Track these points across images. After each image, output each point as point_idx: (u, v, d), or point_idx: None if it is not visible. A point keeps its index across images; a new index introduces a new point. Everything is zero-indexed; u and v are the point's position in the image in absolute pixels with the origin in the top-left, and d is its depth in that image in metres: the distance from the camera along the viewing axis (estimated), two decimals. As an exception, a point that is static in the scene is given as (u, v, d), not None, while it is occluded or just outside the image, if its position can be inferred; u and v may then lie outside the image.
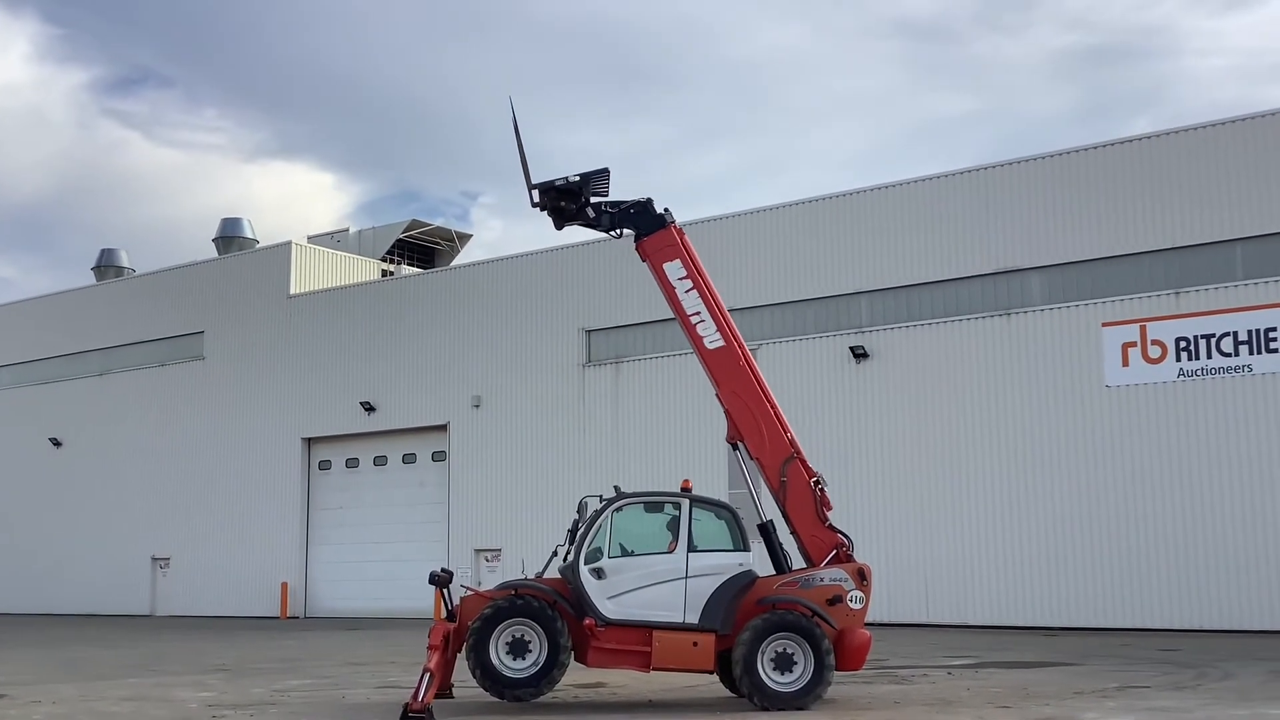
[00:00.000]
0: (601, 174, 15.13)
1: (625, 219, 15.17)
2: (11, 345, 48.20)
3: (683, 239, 15.14)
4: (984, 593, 28.20)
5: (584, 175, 15.06)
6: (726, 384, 14.69)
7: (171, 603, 41.99)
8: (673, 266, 14.97)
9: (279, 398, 40.74)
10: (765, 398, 14.68)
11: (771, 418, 14.57)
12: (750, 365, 14.82)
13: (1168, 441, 26.51)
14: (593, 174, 15.10)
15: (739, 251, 32.77)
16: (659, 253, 15.03)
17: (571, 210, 15.16)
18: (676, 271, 14.96)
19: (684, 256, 15.00)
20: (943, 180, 30.36)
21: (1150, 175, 27.55)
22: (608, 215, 15.19)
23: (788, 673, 13.19)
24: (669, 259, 14.98)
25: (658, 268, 15.02)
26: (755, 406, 14.56)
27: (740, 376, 14.69)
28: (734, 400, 14.62)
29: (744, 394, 14.62)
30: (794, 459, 14.36)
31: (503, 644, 13.20)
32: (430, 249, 47.77)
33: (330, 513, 39.77)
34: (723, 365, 14.74)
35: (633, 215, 15.15)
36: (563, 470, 34.14)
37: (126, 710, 14.04)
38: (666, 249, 15.01)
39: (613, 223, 15.20)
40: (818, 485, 14.33)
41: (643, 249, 15.14)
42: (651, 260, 15.07)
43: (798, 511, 14.25)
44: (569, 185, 14.99)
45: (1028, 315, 28.61)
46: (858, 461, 30.10)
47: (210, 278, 43.83)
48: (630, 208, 15.16)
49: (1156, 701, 13.67)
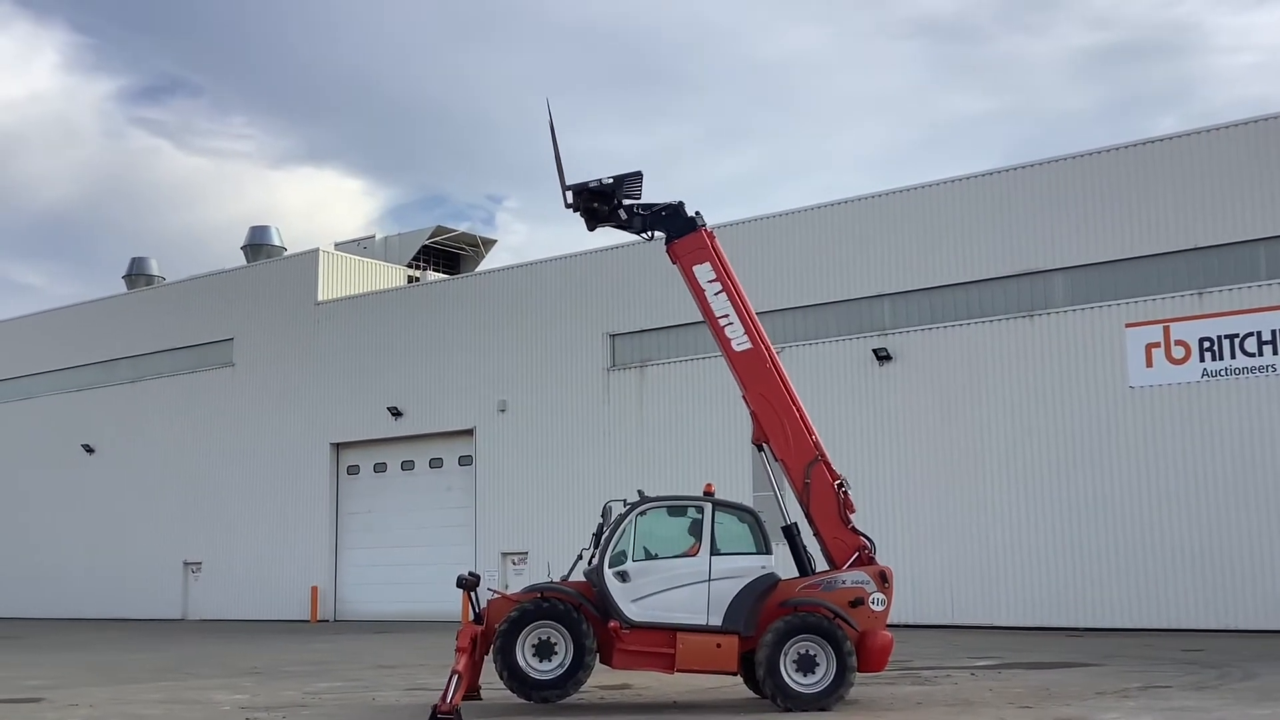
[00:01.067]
0: (635, 176, 15.35)
1: (657, 221, 15.39)
2: (45, 354, 48.84)
3: (713, 242, 15.35)
4: (1008, 594, 28.24)
5: (617, 178, 15.29)
6: (753, 386, 14.87)
7: (203, 607, 42.45)
8: (703, 269, 15.18)
9: (307, 403, 41.15)
10: (791, 401, 14.86)
11: (797, 420, 14.74)
12: (777, 368, 15.00)
13: (1192, 442, 26.49)
14: (626, 176, 15.33)
15: (762, 255, 32.90)
16: (689, 255, 15.23)
17: (604, 212, 15.39)
18: (706, 274, 15.17)
19: (714, 260, 15.20)
20: (965, 182, 30.42)
21: (1173, 175, 27.54)
22: (639, 218, 15.42)
23: (810, 674, 13.34)
24: (699, 261, 15.18)
25: (688, 270, 15.22)
26: (781, 409, 14.74)
27: (767, 379, 14.87)
28: (760, 402, 14.80)
29: (770, 396, 14.80)
30: (818, 461, 14.53)
31: (529, 646, 13.41)
32: (455, 254, 48.09)
33: (359, 517, 40.13)
34: (750, 368, 14.92)
35: (664, 218, 15.36)
36: (588, 474, 34.35)
37: (160, 713, 14.33)
38: (697, 251, 15.21)
39: (644, 225, 15.43)
40: (841, 488, 14.48)
41: (673, 251, 15.34)
42: (682, 263, 15.27)
43: (821, 514, 14.41)
44: (602, 187, 15.23)
45: (1051, 316, 28.64)
46: (881, 464, 30.18)
47: (239, 285, 44.30)
48: (662, 210, 15.37)
49: (1177, 701, 13.75)
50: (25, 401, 49.24)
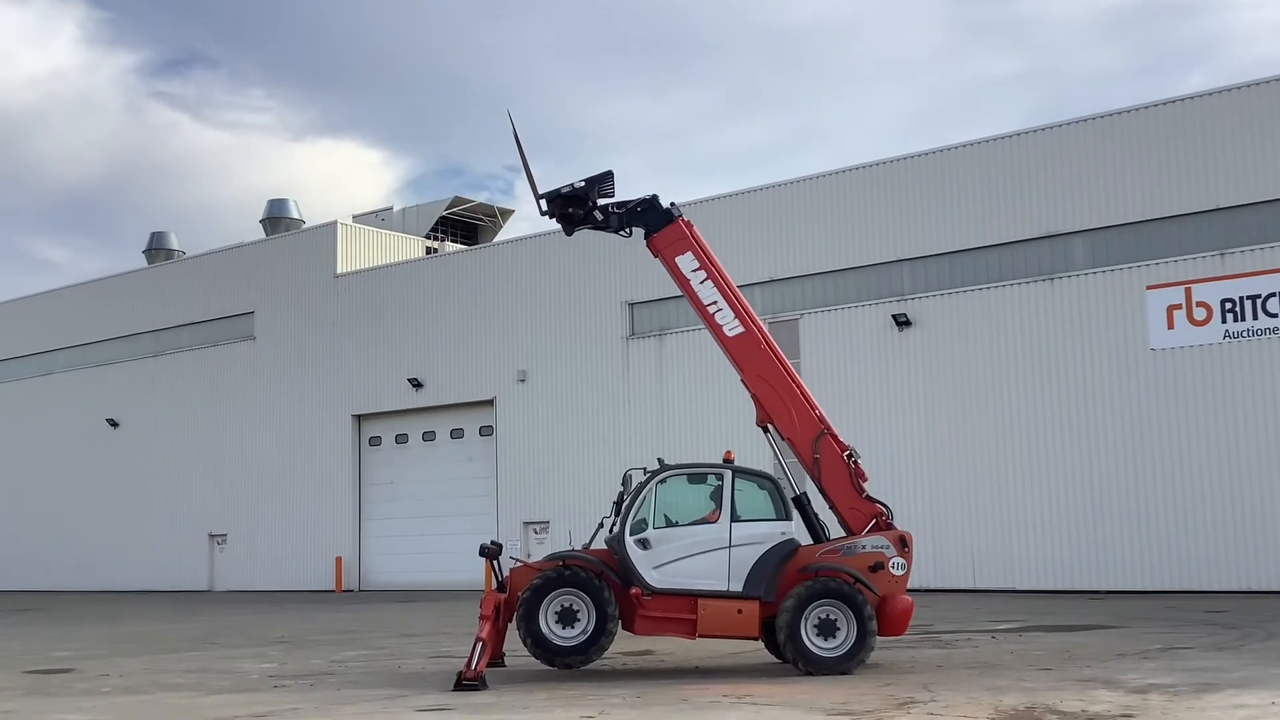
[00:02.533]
0: (606, 176, 15.36)
1: (633, 217, 15.38)
2: (68, 329, 49.20)
3: (691, 231, 15.31)
4: (1029, 557, 28.27)
5: (589, 180, 15.29)
6: (751, 369, 14.86)
7: (229, 578, 42.88)
8: (685, 259, 15.16)
9: (328, 376, 41.37)
10: (790, 378, 14.87)
11: (798, 397, 14.75)
12: (772, 347, 14.98)
13: (1213, 403, 26.39)
14: (598, 177, 15.33)
15: (780, 221, 32.86)
16: (670, 247, 15.22)
17: (580, 215, 15.38)
18: (689, 264, 15.15)
19: (695, 248, 15.18)
20: (984, 145, 30.23)
21: (1194, 136, 27.30)
22: (615, 216, 15.40)
23: (831, 638, 13.43)
24: (680, 252, 15.17)
25: (670, 262, 15.21)
26: (781, 388, 14.74)
27: (763, 360, 14.86)
28: (760, 384, 14.79)
29: (769, 377, 14.79)
30: (825, 435, 14.54)
31: (552, 613, 13.53)
32: (473, 225, 48.12)
33: (381, 488, 40.41)
34: (745, 351, 14.91)
35: (640, 213, 15.34)
36: (608, 443, 34.47)
37: (191, 681, 14.54)
38: (677, 242, 15.20)
39: (621, 222, 15.41)
40: (851, 458, 14.51)
41: (654, 245, 15.33)
42: (663, 255, 15.26)
43: (834, 486, 14.45)
44: (575, 191, 15.22)
45: (1071, 279, 28.51)
46: (901, 429, 30.20)
47: (259, 258, 44.48)
48: (637, 206, 15.38)
49: (1197, 662, 13.79)
50: (49, 377, 49.67)
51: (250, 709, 11.88)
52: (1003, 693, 11.59)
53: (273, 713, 11.59)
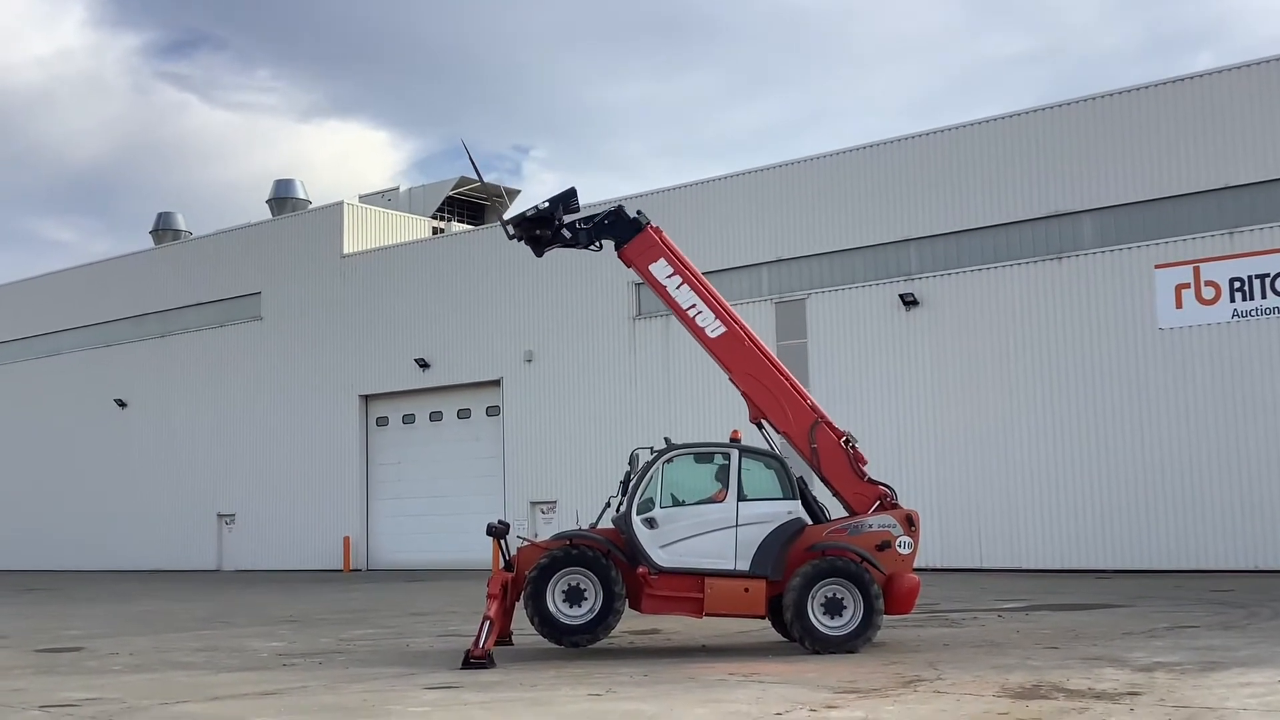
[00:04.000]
0: (569, 194, 15.34)
1: (601, 230, 15.34)
2: (75, 309, 49.28)
3: (661, 237, 15.26)
4: (1036, 537, 28.28)
5: (552, 199, 15.27)
6: (738, 368, 14.83)
7: (237, 558, 43.05)
8: (658, 266, 15.10)
9: (335, 356, 41.43)
10: (778, 371, 14.86)
11: (788, 390, 14.73)
12: (756, 343, 14.96)
13: (1221, 383, 26.35)
14: (561, 196, 15.32)
15: (787, 201, 32.79)
16: (641, 256, 15.16)
17: (548, 236, 15.35)
18: (663, 271, 15.09)
19: (667, 254, 15.13)
20: (993, 124, 30.11)
21: (1203, 114, 27.17)
22: (584, 231, 15.37)
23: (838, 617, 13.45)
24: (653, 260, 15.12)
25: (644, 271, 15.15)
26: (771, 383, 14.71)
27: (749, 357, 14.83)
28: (748, 382, 14.75)
29: (757, 373, 14.76)
30: (819, 424, 14.54)
31: (559, 592, 13.56)
32: (479, 205, 48.06)
33: (389, 468, 40.51)
34: (730, 350, 14.87)
35: (608, 225, 15.30)
36: (614, 423, 34.51)
37: (201, 660, 14.61)
38: (648, 251, 15.14)
39: (590, 237, 15.39)
40: (848, 443, 14.50)
41: (625, 256, 15.27)
42: (636, 265, 15.21)
43: (835, 473, 14.46)
44: (540, 213, 15.20)
45: (1080, 258, 28.43)
46: (908, 409, 30.19)
47: (265, 239, 44.49)
48: (604, 218, 15.35)
49: (1203, 640, 13.80)
50: (57, 357, 49.78)
51: (259, 687, 11.94)
52: (1009, 671, 11.61)
53: (282, 691, 11.65)
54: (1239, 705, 9.44)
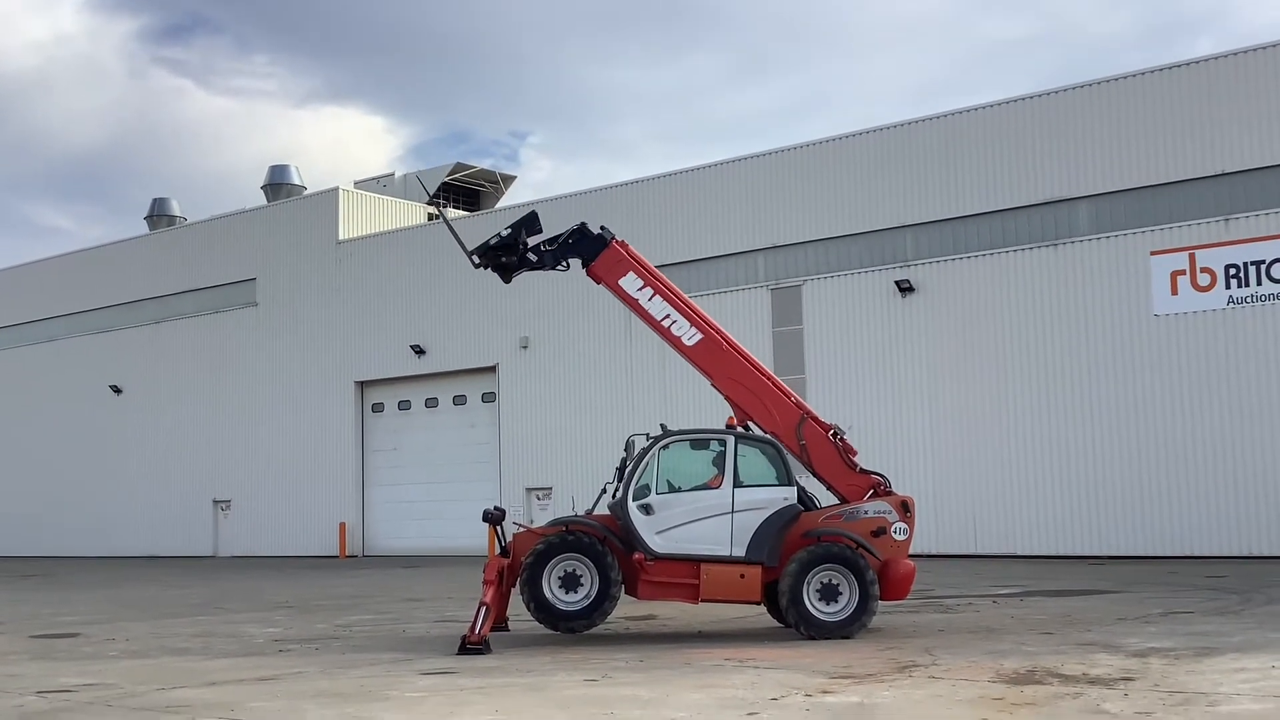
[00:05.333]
0: (531, 218, 15.40)
1: (567, 250, 15.33)
2: (71, 295, 49.18)
3: (628, 250, 15.25)
4: (1031, 523, 28.35)
5: (514, 225, 15.37)
6: (718, 372, 14.84)
7: (233, 544, 43.07)
8: (628, 281, 15.09)
9: (331, 342, 41.40)
10: (759, 371, 14.87)
11: (771, 390, 14.74)
12: (734, 345, 14.96)
13: (1217, 369, 26.39)
14: (523, 221, 15.39)
15: (784, 187, 32.75)
16: (610, 272, 15.14)
17: (514, 262, 15.38)
18: (634, 284, 15.09)
19: (635, 267, 15.12)
20: (989, 110, 30.08)
21: (1199, 101, 27.15)
22: (549, 253, 15.37)
23: (833, 603, 13.48)
24: (621, 274, 15.10)
25: (614, 286, 15.12)
26: (753, 385, 14.72)
27: (728, 361, 14.83)
28: (730, 385, 14.77)
29: (738, 376, 14.77)
30: (805, 419, 14.56)
31: (555, 578, 13.58)
32: (475, 191, 48.00)
33: (384, 454, 40.52)
34: (708, 356, 14.88)
35: (573, 245, 15.28)
36: (610, 409, 34.52)
37: (197, 646, 14.63)
38: (616, 266, 15.12)
39: (556, 258, 15.39)
40: (836, 436, 14.53)
41: (593, 273, 15.27)
42: (606, 282, 15.18)
43: (826, 466, 14.48)
44: (504, 240, 15.26)
45: (1075, 245, 28.44)
46: (904, 395, 30.21)
47: (260, 225, 44.39)
48: (568, 238, 15.33)
49: (1198, 626, 13.85)
50: (53, 343, 49.70)
51: (256, 672, 11.96)
52: (1004, 656, 11.65)
53: (278, 676, 11.66)
54: (1233, 690, 9.47)
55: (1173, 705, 8.88)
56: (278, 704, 10.00)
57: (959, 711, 8.87)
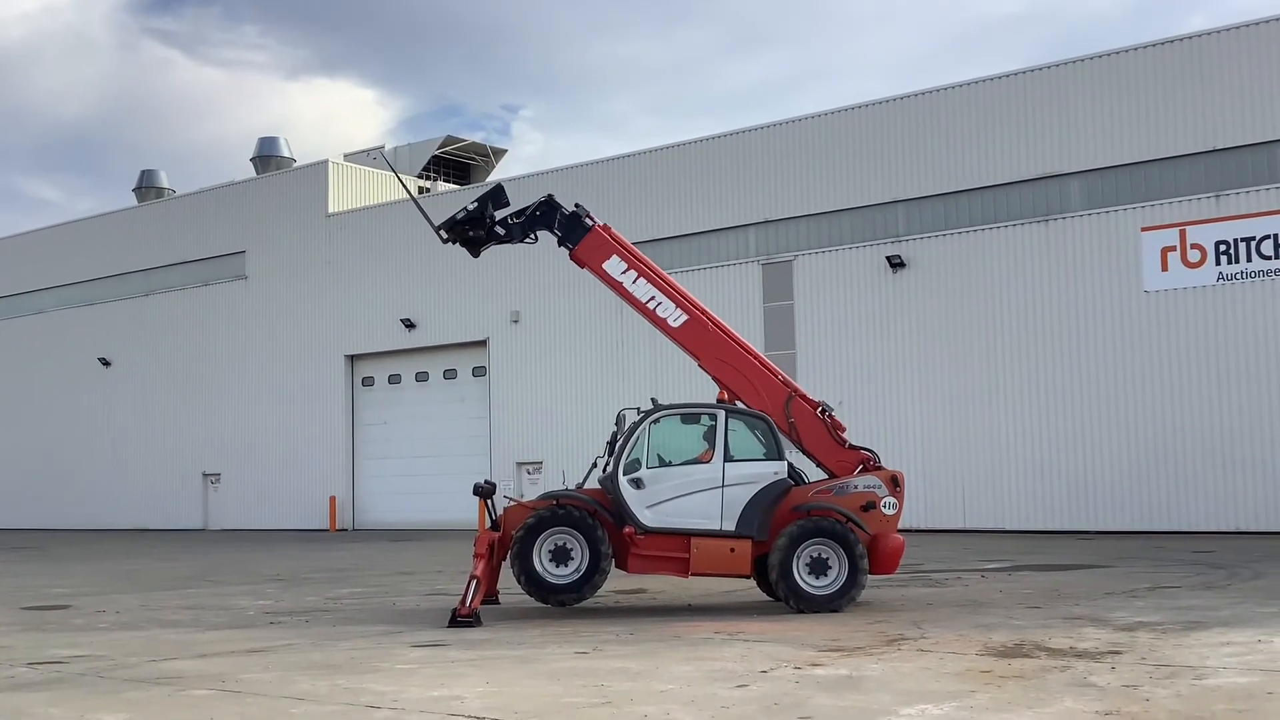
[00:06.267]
0: (497, 191, 15.30)
1: (534, 222, 15.25)
2: (58, 267, 48.96)
3: (610, 233, 15.17)
4: (1020, 498, 28.47)
5: (480, 199, 15.25)
6: (706, 353, 14.81)
7: (223, 517, 43.08)
8: (611, 264, 15.01)
9: (321, 316, 41.30)
10: (745, 351, 14.87)
11: (758, 368, 14.75)
12: (719, 326, 14.94)
13: (1206, 345, 26.48)
14: (489, 194, 15.28)
15: (775, 161, 32.68)
16: (593, 256, 15.07)
17: (481, 236, 15.28)
18: (617, 267, 15.00)
19: (619, 250, 15.06)
20: (981, 85, 30.02)
21: (1192, 76, 27.13)
22: (516, 225, 15.31)
23: (823, 577, 13.54)
24: (605, 258, 15.02)
25: (598, 270, 15.04)
26: (740, 364, 14.72)
27: (715, 342, 14.81)
28: (718, 366, 14.74)
29: (725, 357, 14.76)
30: (793, 397, 14.57)
31: (546, 552, 13.61)
32: (465, 164, 47.82)
33: (375, 428, 40.51)
34: (695, 338, 14.84)
35: (540, 217, 15.21)
36: (601, 383, 34.54)
37: (188, 618, 14.65)
38: (600, 250, 15.05)
39: (523, 230, 15.33)
40: (824, 413, 14.56)
41: (577, 258, 15.19)
42: (590, 266, 15.10)
43: (815, 443, 14.51)
44: (470, 215, 15.13)
45: (1067, 221, 28.46)
46: (894, 371, 30.27)
47: (250, 197, 44.19)
48: (535, 210, 15.26)
49: (1184, 600, 13.94)
50: (40, 316, 49.52)
51: (246, 644, 11.98)
52: (992, 630, 11.72)
53: (269, 648, 11.69)
54: (1219, 664, 9.54)
55: (1159, 678, 8.94)
56: (269, 675, 10.02)
57: (947, 684, 8.92)
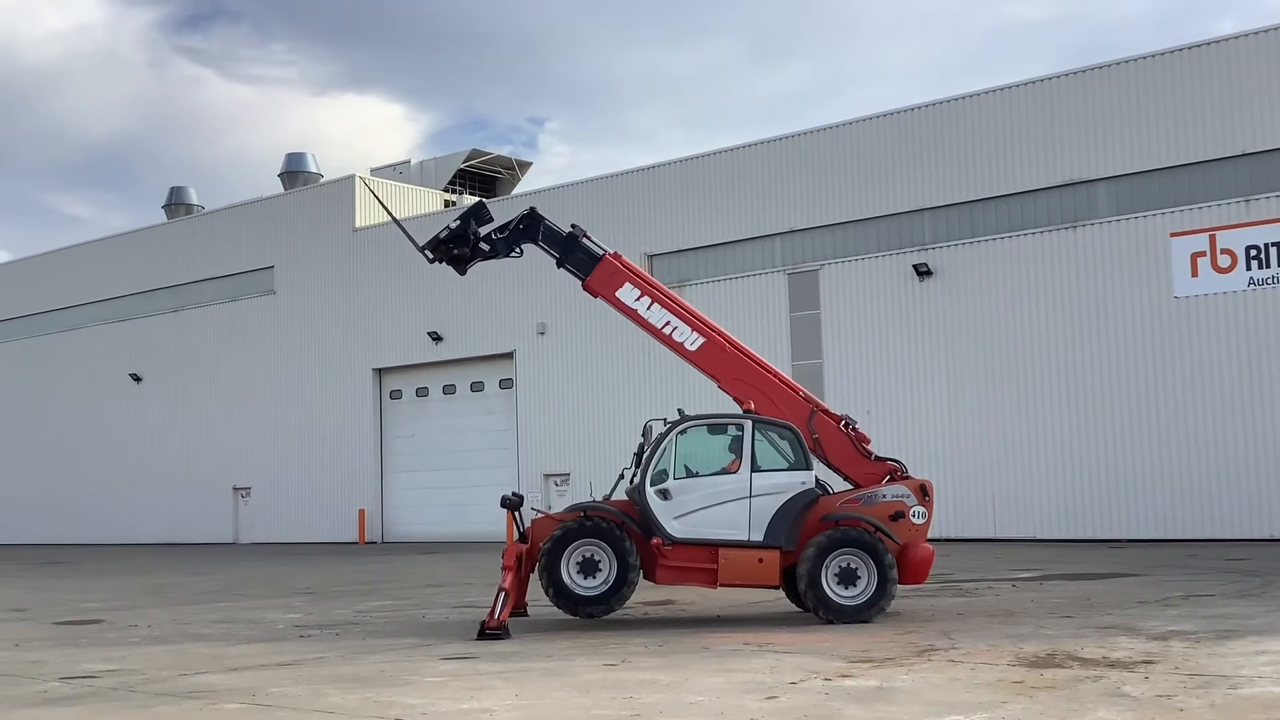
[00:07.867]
0: (479, 207, 15.39)
1: (519, 236, 15.31)
2: (90, 284, 49.42)
3: (621, 261, 15.15)
4: (1050, 506, 28.26)
5: (462, 216, 15.37)
6: (724, 374, 14.82)
7: (253, 531, 43.30)
8: (625, 292, 15.00)
9: (349, 330, 41.51)
10: (765, 370, 14.86)
11: (778, 386, 14.74)
12: (736, 346, 14.93)
13: (1237, 351, 26.24)
14: (470, 211, 15.39)
15: (800, 171, 32.64)
16: (606, 285, 15.06)
17: (466, 253, 15.35)
18: (631, 295, 14.99)
19: (631, 277, 15.06)
20: (1008, 92, 29.89)
21: (1219, 81, 26.93)
22: (501, 240, 15.37)
23: (852, 587, 13.47)
24: (618, 286, 15.02)
25: (611, 299, 15.04)
26: (759, 383, 14.72)
27: (734, 363, 14.80)
28: (739, 386, 14.74)
29: (745, 377, 14.76)
30: (815, 412, 14.55)
31: (573, 563, 13.60)
32: (491, 178, 47.97)
33: (403, 441, 40.64)
34: (713, 360, 14.85)
35: (523, 230, 15.28)
36: (628, 394, 34.52)
37: (218, 631, 14.71)
38: (612, 278, 15.05)
39: (508, 245, 15.39)
40: (848, 426, 14.51)
41: (589, 288, 15.20)
42: (603, 295, 15.10)
43: (840, 457, 14.48)
44: (453, 232, 15.24)
45: (1095, 227, 28.28)
46: (923, 379, 30.13)
47: (278, 213, 44.49)
48: (519, 223, 15.34)
49: (1219, 609, 13.79)
50: (73, 332, 49.97)
51: (277, 658, 12.02)
52: (1023, 640, 11.62)
53: (299, 661, 11.72)
54: (1254, 673, 9.43)
55: (1194, 688, 8.84)
56: (299, 689, 10.05)
57: (978, 695, 8.85)
